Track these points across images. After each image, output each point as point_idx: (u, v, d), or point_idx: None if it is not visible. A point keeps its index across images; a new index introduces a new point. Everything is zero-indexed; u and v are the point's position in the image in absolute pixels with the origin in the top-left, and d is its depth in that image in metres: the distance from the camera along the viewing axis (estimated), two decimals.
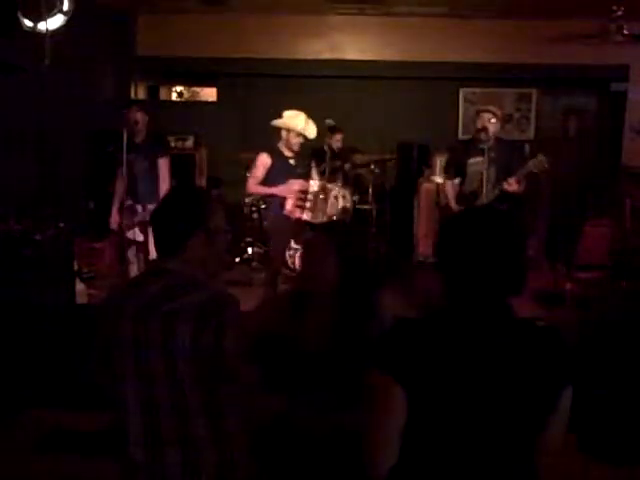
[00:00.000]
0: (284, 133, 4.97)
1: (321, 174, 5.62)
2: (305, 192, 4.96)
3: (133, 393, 1.70)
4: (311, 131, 4.97)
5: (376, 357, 1.42)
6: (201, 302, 1.66)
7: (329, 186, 5.22)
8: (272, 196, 5.03)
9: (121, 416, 1.74)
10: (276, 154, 4.96)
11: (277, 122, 5.01)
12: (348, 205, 5.43)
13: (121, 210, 5.01)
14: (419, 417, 1.38)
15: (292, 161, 4.99)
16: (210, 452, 1.66)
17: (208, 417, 1.66)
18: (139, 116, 4.89)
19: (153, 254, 5.05)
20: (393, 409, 1.38)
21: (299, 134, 4.91)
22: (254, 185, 5.04)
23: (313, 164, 5.42)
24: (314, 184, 5.04)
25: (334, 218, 5.16)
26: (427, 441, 1.41)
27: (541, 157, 4.55)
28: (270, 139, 5.10)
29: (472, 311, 1.42)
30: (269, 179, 4.96)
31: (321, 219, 5.04)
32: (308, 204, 4.98)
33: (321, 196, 5.05)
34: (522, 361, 1.40)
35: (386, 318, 1.90)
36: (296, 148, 4.94)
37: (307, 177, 5.10)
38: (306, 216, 4.99)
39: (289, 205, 4.91)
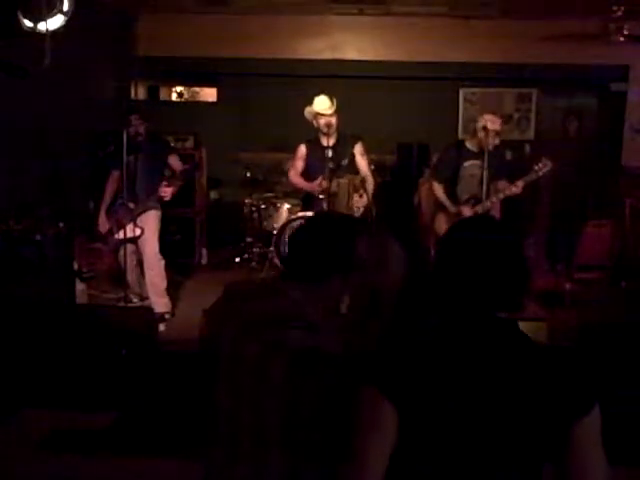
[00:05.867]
0: (314, 121, 5.06)
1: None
2: (327, 191, 4.91)
3: None
4: (318, 104, 4.98)
5: (367, 372, 1.35)
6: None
7: (356, 182, 5.07)
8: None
9: None
10: (314, 144, 5.09)
11: (306, 114, 5.09)
12: (368, 199, 5.28)
13: (109, 212, 5.07)
14: (410, 438, 1.31)
15: (329, 152, 4.93)
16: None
17: None
18: (141, 128, 4.97)
19: (149, 248, 5.08)
20: (381, 427, 1.31)
21: (317, 114, 4.98)
22: (293, 175, 5.24)
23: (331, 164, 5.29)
24: (335, 183, 4.96)
25: (357, 214, 4.99)
26: (419, 465, 1.34)
27: (545, 160, 4.62)
28: (270, 139, 5.12)
29: (468, 327, 1.35)
30: (308, 169, 5.10)
31: None
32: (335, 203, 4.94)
33: (341, 194, 4.98)
34: (521, 383, 1.31)
35: None
36: (325, 130, 4.97)
37: (338, 172, 4.97)
38: None
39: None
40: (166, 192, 4.98)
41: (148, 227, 5.03)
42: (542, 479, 1.37)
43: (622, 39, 6.46)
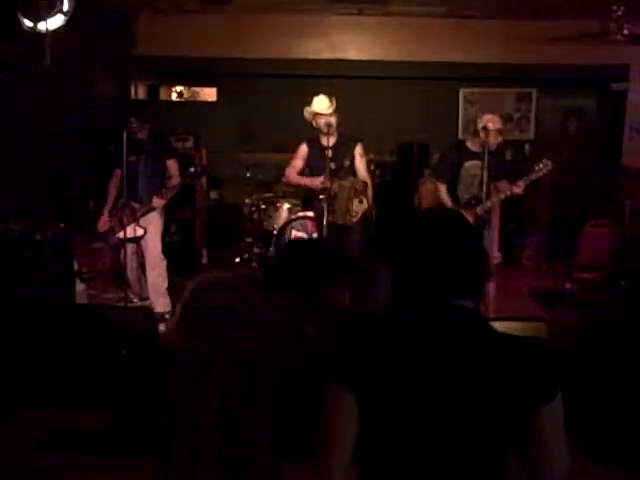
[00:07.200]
0: (313, 121, 5.02)
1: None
2: (327, 191, 4.83)
3: None
4: (316, 104, 4.96)
5: (329, 363, 1.39)
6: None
7: (359, 187, 5.00)
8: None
9: None
10: (315, 144, 5.04)
11: (305, 114, 5.05)
12: (368, 205, 5.18)
13: (112, 212, 5.06)
14: (372, 426, 1.35)
15: (329, 152, 4.86)
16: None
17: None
18: (141, 128, 4.97)
19: (152, 249, 5.08)
20: (344, 415, 1.35)
21: (316, 114, 4.95)
22: (291, 173, 5.15)
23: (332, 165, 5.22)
24: (336, 184, 4.88)
25: (355, 219, 4.97)
26: (382, 454, 1.37)
27: (546, 161, 4.63)
28: (270, 139, 5.10)
29: (427, 316, 1.37)
30: (310, 169, 5.04)
31: (343, 220, 4.88)
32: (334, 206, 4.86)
33: (341, 196, 4.90)
34: (483, 370, 1.32)
35: None
36: (325, 129, 4.89)
37: (339, 173, 4.93)
38: (331, 218, 4.84)
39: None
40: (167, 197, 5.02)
41: (151, 227, 5.04)
42: (508, 465, 1.38)
43: (622, 39, 6.45)
